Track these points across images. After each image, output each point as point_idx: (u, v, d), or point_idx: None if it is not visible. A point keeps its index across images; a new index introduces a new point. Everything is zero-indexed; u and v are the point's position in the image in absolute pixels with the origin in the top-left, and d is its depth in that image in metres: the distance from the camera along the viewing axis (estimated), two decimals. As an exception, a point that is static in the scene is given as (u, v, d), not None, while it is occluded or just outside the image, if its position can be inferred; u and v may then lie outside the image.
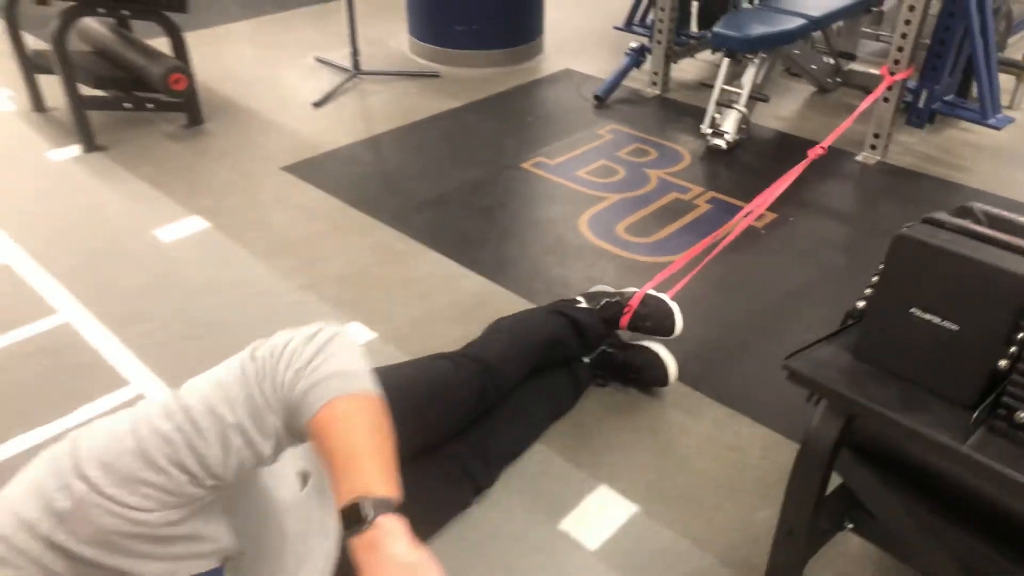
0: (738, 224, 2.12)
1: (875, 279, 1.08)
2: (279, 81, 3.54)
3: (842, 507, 1.32)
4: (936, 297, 1.00)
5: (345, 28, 3.48)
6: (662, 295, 1.86)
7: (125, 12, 2.78)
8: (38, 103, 3.14)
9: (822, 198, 2.61)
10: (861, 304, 1.09)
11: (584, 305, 1.82)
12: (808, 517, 1.17)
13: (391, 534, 0.75)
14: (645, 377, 1.77)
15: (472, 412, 1.48)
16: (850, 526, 1.31)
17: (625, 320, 1.80)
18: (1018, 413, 0.94)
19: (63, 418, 1.70)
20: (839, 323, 1.18)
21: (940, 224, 1.05)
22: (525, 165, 2.82)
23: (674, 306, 1.83)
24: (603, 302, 1.81)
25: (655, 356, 1.75)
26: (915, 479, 1.18)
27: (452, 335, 1.82)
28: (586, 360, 1.77)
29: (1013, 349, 0.95)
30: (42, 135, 2.98)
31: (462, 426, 1.47)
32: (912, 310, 1.02)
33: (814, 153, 2.33)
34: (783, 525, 1.20)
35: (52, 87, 3.12)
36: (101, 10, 2.75)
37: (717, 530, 1.47)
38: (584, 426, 1.71)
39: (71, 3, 2.67)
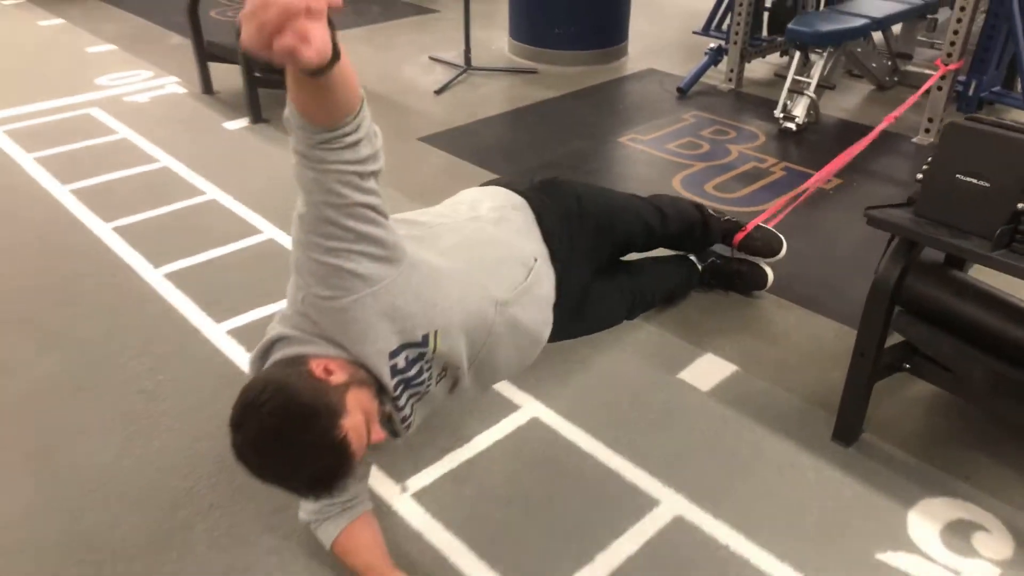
0: (824, 176, 2.53)
1: (930, 159, 1.52)
2: (400, 75, 4.09)
3: (901, 356, 1.74)
4: (974, 164, 1.43)
5: (451, 32, 4.02)
6: (767, 227, 2.26)
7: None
8: (207, 86, 3.74)
9: (882, 170, 3.03)
10: (919, 176, 1.53)
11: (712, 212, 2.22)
12: (876, 341, 1.59)
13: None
14: (747, 281, 2.20)
15: (641, 247, 1.98)
16: (907, 366, 1.74)
17: (739, 238, 2.19)
18: (1030, 236, 1.38)
19: (274, 303, 2.19)
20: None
21: (978, 120, 1.50)
22: (621, 140, 3.31)
23: (780, 235, 2.23)
24: (724, 218, 2.22)
25: (756, 264, 2.20)
26: (955, 329, 1.60)
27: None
28: (698, 265, 2.20)
29: (1027, 195, 1.39)
30: (215, 111, 3.56)
31: (627, 251, 1.96)
32: (957, 175, 1.46)
33: (888, 119, 2.75)
34: (857, 348, 1.62)
35: (217, 74, 3.72)
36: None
37: (801, 383, 1.90)
38: (689, 316, 2.15)
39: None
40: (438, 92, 3.82)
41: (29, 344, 2.02)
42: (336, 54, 0.97)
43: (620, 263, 2.01)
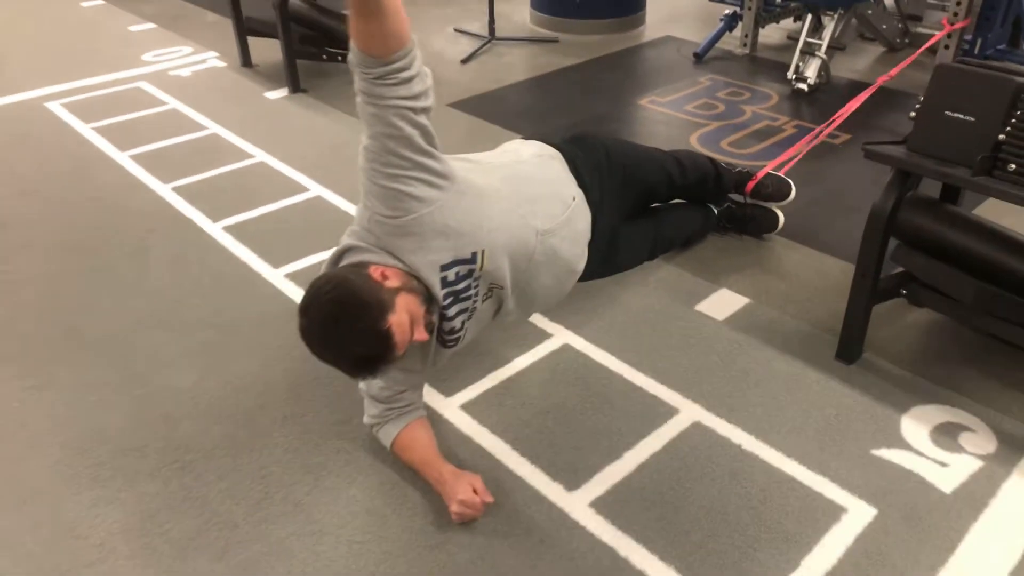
0: (825, 130, 2.70)
1: (922, 98, 1.68)
2: (428, 46, 4.27)
3: (898, 284, 1.93)
4: (961, 101, 1.60)
5: (474, 6, 4.19)
6: (777, 173, 2.43)
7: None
8: (246, 59, 3.94)
9: (891, 126, 3.18)
10: (912, 114, 1.70)
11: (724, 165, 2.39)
12: (875, 263, 1.78)
13: None
14: (759, 224, 2.38)
15: (662, 196, 2.18)
16: (904, 292, 1.92)
17: (750, 186, 2.36)
18: (1008, 164, 1.55)
19: (325, 251, 2.39)
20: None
21: (965, 62, 1.66)
22: (641, 102, 3.48)
23: (788, 179, 2.40)
24: (736, 169, 2.40)
25: (768, 208, 2.38)
26: (948, 257, 1.78)
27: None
28: (715, 210, 2.38)
29: (1008, 128, 1.56)
30: (255, 82, 3.77)
31: (652, 199, 2.16)
32: (945, 112, 1.63)
33: (880, 80, 2.91)
34: (858, 269, 1.81)
35: (255, 48, 3.92)
36: (312, -20, 3.52)
37: (807, 313, 2.09)
38: (706, 256, 2.34)
39: (289, -25, 3.44)
40: (464, 61, 4.00)
41: (108, 289, 2.25)
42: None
43: (644, 210, 2.19)
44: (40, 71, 3.90)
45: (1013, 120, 1.55)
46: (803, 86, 3.47)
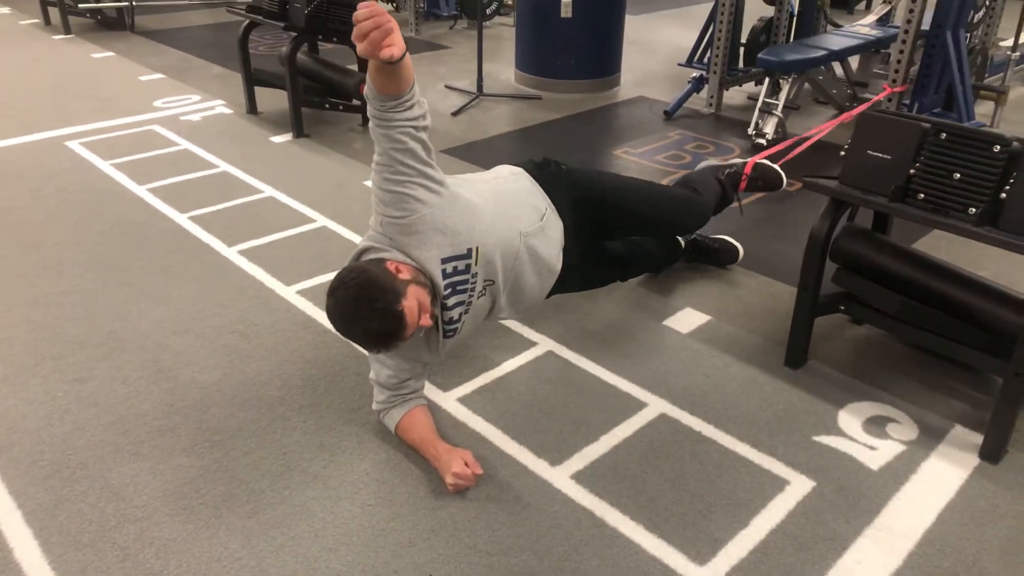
0: (798, 145, 3.03)
1: (850, 139, 2.02)
2: (420, 100, 4.62)
3: (838, 301, 2.23)
4: (880, 143, 1.93)
5: (462, 65, 4.57)
6: (767, 162, 2.70)
7: (334, 39, 3.88)
8: (252, 107, 4.26)
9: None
10: (842, 153, 2.02)
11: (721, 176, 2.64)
12: (814, 277, 2.08)
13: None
14: (721, 256, 2.70)
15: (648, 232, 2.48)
16: (842, 308, 2.22)
17: (743, 185, 2.65)
18: (918, 194, 1.87)
19: (332, 271, 2.66)
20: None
21: (882, 111, 2.00)
22: (616, 152, 3.83)
23: (777, 167, 2.68)
24: (726, 172, 2.66)
25: (728, 241, 2.70)
26: (877, 277, 2.09)
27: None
28: (682, 243, 2.68)
29: (917, 164, 1.88)
30: (261, 127, 4.08)
31: (642, 229, 2.44)
32: (868, 151, 1.96)
33: (840, 118, 3.27)
34: (801, 284, 2.11)
35: (263, 97, 4.25)
36: (319, 36, 3.86)
37: (761, 327, 2.38)
38: (673, 281, 2.64)
39: (299, 32, 3.78)
40: (455, 114, 4.35)
41: (137, 300, 2.48)
42: (404, 55, 1.51)
43: (626, 234, 2.47)
44: (58, 114, 4.19)
45: (921, 157, 1.88)
46: (762, 141, 3.84)
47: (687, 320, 2.42)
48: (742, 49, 4.66)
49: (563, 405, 2.04)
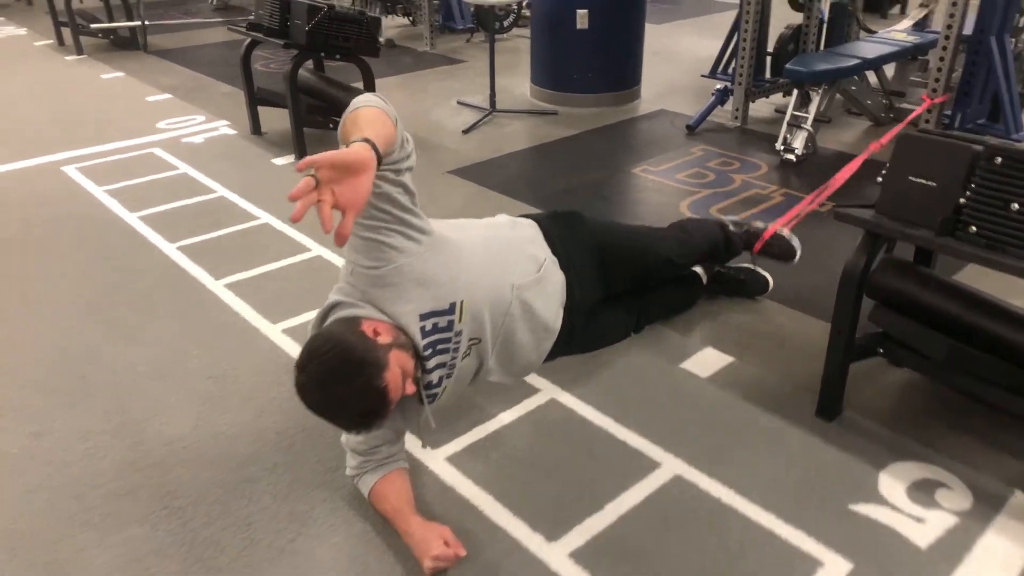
0: (818, 196, 2.79)
1: (888, 164, 1.78)
2: (432, 117, 4.45)
3: (876, 343, 1.98)
4: (923, 167, 1.69)
5: (477, 80, 4.38)
6: (785, 231, 2.50)
7: (336, 56, 3.71)
8: (256, 127, 4.11)
9: (872, 194, 3.28)
10: (879, 179, 1.78)
11: (732, 228, 2.46)
12: (849, 320, 1.84)
13: (357, 145, 1.26)
14: (749, 287, 2.45)
15: (663, 275, 2.22)
16: (881, 351, 1.97)
17: (758, 246, 2.44)
18: (969, 226, 1.62)
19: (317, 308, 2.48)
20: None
21: (927, 131, 1.76)
22: (634, 171, 3.60)
23: (794, 237, 2.47)
24: (744, 229, 2.47)
25: (756, 271, 2.46)
26: (921, 317, 1.84)
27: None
28: (703, 278, 2.44)
29: (968, 192, 1.64)
30: (264, 149, 3.93)
31: (648, 279, 2.20)
32: (910, 177, 1.71)
33: (872, 147, 3.02)
34: (834, 326, 1.86)
35: (267, 117, 4.10)
36: (322, 54, 3.70)
37: (790, 372, 2.13)
38: (693, 317, 2.40)
39: (300, 49, 3.62)
40: (466, 131, 4.16)
41: (113, 340, 2.31)
42: (378, 163, 1.29)
43: (635, 288, 2.24)
44: (59, 137, 4.07)
45: (972, 184, 1.63)
46: (791, 156, 3.59)
47: (707, 362, 2.18)
48: (769, 58, 4.41)
49: (565, 465, 1.82)
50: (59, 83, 5.22)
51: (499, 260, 1.72)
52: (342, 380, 1.39)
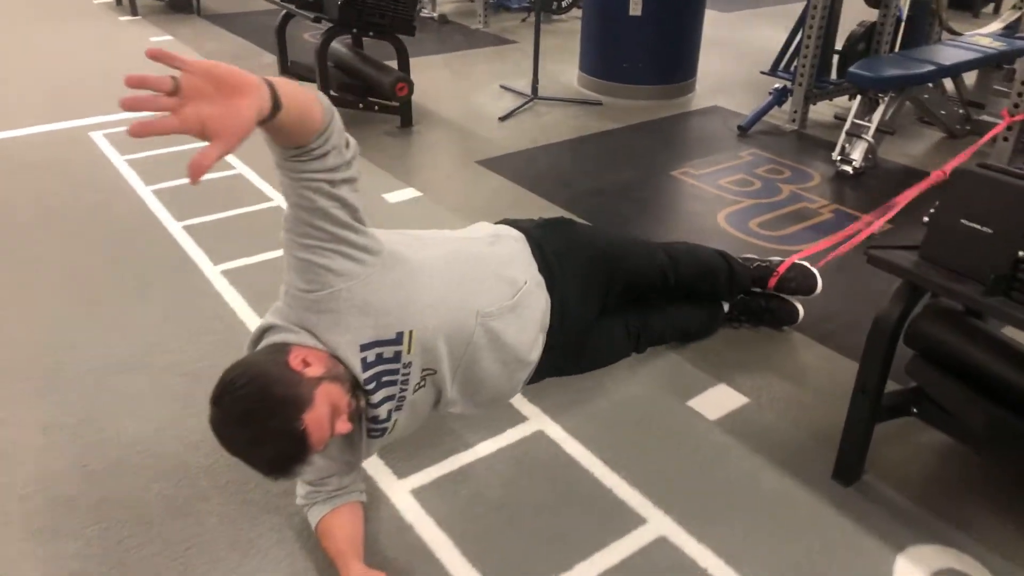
0: (863, 228, 2.52)
1: (937, 203, 1.53)
2: (471, 100, 4.26)
3: (910, 400, 1.74)
4: (980, 210, 1.44)
5: (525, 63, 4.17)
6: (803, 261, 2.26)
7: (370, 33, 3.56)
8: (288, 102, 3.99)
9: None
10: (925, 219, 1.54)
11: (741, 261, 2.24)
12: (877, 378, 1.60)
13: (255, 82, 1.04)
14: (776, 317, 2.22)
15: (650, 289, 1.99)
16: (915, 411, 1.73)
17: (773, 281, 2.20)
18: (1029, 286, 1.37)
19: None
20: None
21: (988, 167, 1.50)
22: (674, 173, 3.36)
23: (815, 270, 2.24)
24: (755, 264, 2.24)
25: (787, 300, 2.22)
26: (967, 376, 1.59)
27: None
28: (725, 308, 2.22)
29: (1029, 244, 1.38)
30: (292, 125, 3.80)
31: (639, 294, 1.99)
32: (962, 220, 1.46)
33: (935, 176, 2.73)
34: (858, 383, 1.63)
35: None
36: (354, 30, 3.54)
37: (811, 420, 1.91)
38: (710, 346, 2.18)
39: (331, 25, 3.48)
40: (503, 119, 3.96)
41: (95, 325, 2.22)
42: (276, 109, 1.08)
43: (633, 303, 2.04)
44: (93, 101, 4.03)
45: (1037, 237, 1.38)
46: (848, 168, 3.30)
47: (718, 401, 1.97)
48: (836, 57, 4.08)
49: (541, 511, 1.64)
50: (107, 43, 5.21)
51: (464, 284, 1.54)
52: (255, 420, 1.24)
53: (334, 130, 1.27)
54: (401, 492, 1.68)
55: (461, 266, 1.56)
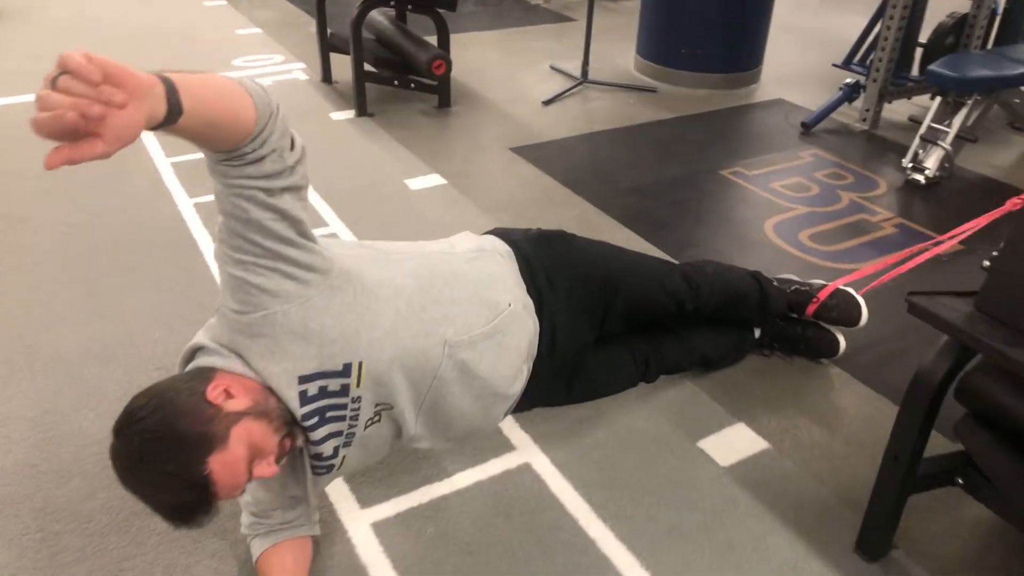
0: (928, 249, 2.21)
1: (1003, 244, 1.26)
2: (517, 81, 4.04)
3: (956, 466, 1.48)
4: (1055, 259, 1.18)
5: (582, 43, 3.92)
6: (848, 288, 2.00)
7: (408, 6, 3.37)
8: (327, 76, 3.86)
9: (1018, 240, 2.63)
10: (986, 263, 1.28)
11: (776, 284, 1.99)
12: (912, 445, 1.35)
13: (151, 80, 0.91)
14: (813, 347, 1.97)
15: (667, 317, 1.77)
16: (960, 481, 1.47)
17: (812, 308, 1.94)
18: (1109, 359, 1.11)
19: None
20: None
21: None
22: (723, 172, 3.08)
23: (860, 299, 1.97)
24: (793, 287, 1.98)
25: (827, 329, 1.96)
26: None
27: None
28: (756, 334, 1.97)
29: (1115, 308, 1.12)
30: (328, 100, 3.67)
31: (653, 321, 1.77)
32: (1031, 269, 1.20)
33: (1012, 203, 2.39)
34: (890, 450, 1.39)
35: (339, 65, 3.82)
36: (392, 2, 3.36)
37: (839, 475, 1.66)
38: (735, 377, 1.94)
39: (370, -4, 3.31)
40: (546, 103, 3.73)
41: (80, 307, 2.13)
42: (176, 114, 0.93)
43: (641, 327, 1.82)
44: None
45: (1126, 298, 1.11)
46: (919, 178, 2.97)
47: (733, 444, 1.74)
48: (920, 51, 3.70)
49: (511, 560, 1.45)
50: (160, 5, 5.16)
51: (430, 308, 1.35)
52: (151, 460, 1.09)
53: (273, 132, 1.09)
54: (361, 524, 1.52)
55: (431, 287, 1.37)
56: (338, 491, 1.58)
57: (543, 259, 1.58)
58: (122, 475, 1.12)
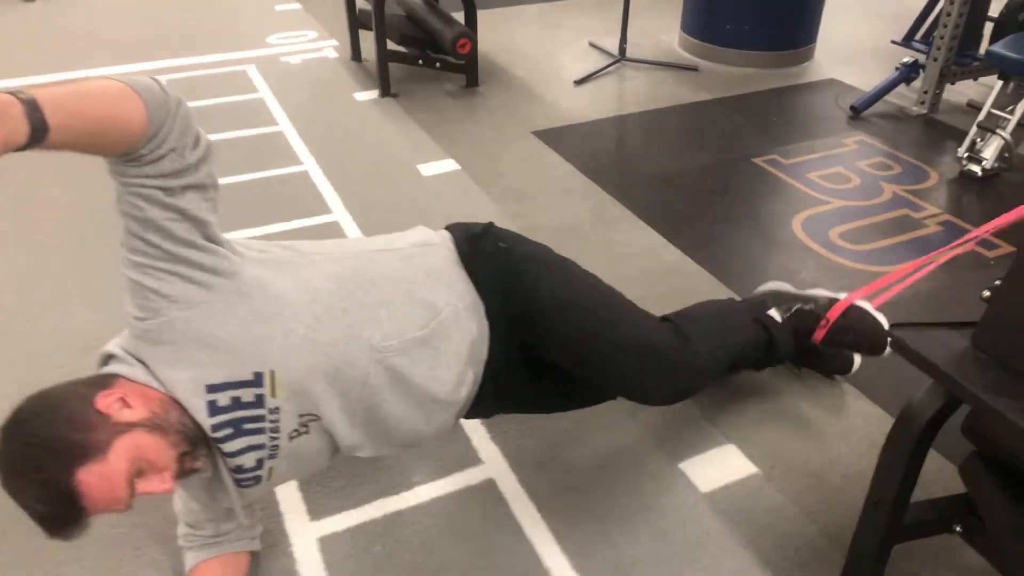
0: (961, 245, 2.00)
1: (1006, 274, 1.09)
2: (551, 60, 3.89)
3: (951, 515, 1.32)
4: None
5: (629, 19, 3.73)
6: (867, 305, 1.67)
7: (434, -18, 3.27)
8: (356, 54, 3.79)
9: None
10: (986, 293, 1.10)
11: (775, 314, 1.75)
12: (895, 492, 1.20)
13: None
14: (827, 362, 1.79)
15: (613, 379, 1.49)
16: (958, 528, 1.31)
17: (821, 334, 1.65)
18: (1118, 417, 0.94)
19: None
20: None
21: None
22: (757, 160, 2.88)
23: (881, 317, 1.64)
24: (795, 308, 1.76)
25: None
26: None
27: (631, 293, 1.99)
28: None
29: None
30: (354, 79, 3.60)
31: (586, 373, 1.49)
32: (1034, 305, 1.03)
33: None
34: (871, 495, 1.24)
35: (369, 42, 3.74)
36: (415, -21, 3.26)
37: (831, 508, 1.52)
38: (734, 396, 1.80)
39: (393, -29, 3.21)
40: (578, 82, 3.57)
41: (73, 295, 2.13)
42: (39, 133, 0.89)
43: None
44: (165, 43, 3.99)
45: None
46: (976, 169, 2.71)
47: (719, 468, 1.61)
48: (990, 27, 3.37)
49: (455, 588, 1.38)
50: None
51: (352, 312, 1.23)
52: (23, 465, 1.03)
53: (172, 131, 1.02)
54: (307, 538, 1.46)
55: (355, 288, 1.26)
56: (290, 499, 1.53)
57: (489, 262, 1.44)
58: (3, 477, 1.08)
